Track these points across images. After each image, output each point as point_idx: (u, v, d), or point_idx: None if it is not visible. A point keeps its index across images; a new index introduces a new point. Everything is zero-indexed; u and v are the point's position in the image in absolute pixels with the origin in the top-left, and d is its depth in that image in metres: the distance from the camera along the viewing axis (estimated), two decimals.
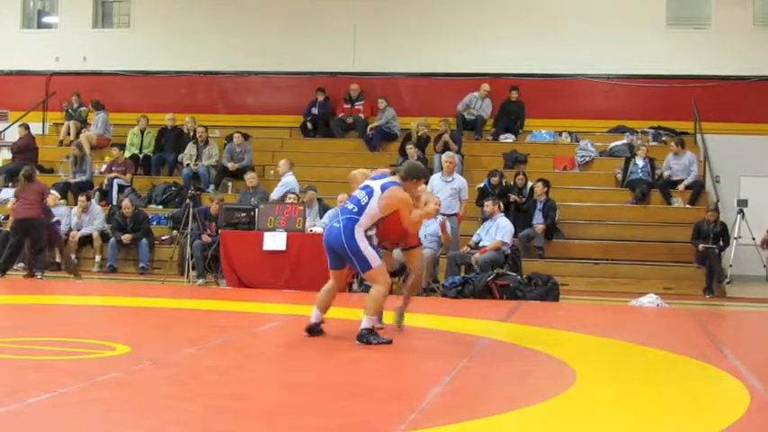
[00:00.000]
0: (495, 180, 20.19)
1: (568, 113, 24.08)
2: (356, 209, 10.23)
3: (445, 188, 18.09)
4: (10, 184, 22.16)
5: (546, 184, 19.94)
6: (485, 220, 18.04)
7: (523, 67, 24.04)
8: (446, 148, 21.40)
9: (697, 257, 19.14)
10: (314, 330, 10.59)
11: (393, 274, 17.18)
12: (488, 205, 17.78)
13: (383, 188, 10.27)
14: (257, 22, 25.36)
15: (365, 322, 10.26)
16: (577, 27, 23.95)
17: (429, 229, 16.88)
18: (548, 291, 16.24)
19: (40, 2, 28.15)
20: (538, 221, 19.64)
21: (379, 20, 24.84)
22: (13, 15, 27.00)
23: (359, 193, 10.36)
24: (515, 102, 23.68)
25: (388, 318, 11.46)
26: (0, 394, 7.33)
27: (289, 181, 19.46)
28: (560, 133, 23.80)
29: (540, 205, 19.76)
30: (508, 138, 23.50)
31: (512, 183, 20.44)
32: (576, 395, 7.93)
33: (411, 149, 21.39)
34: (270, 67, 25.40)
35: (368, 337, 10.20)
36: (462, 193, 18.28)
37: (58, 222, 19.23)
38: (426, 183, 11.25)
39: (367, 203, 10.21)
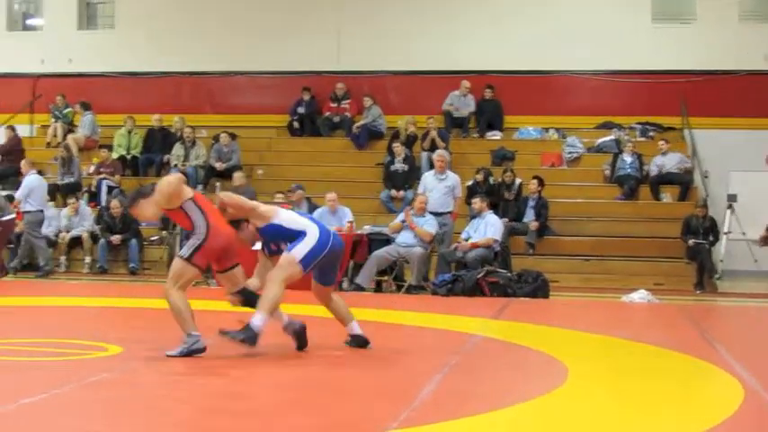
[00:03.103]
0: (479, 177, 20.14)
1: (555, 110, 24.07)
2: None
3: (438, 186, 18.16)
4: (0, 187, 22.11)
5: (541, 182, 19.89)
6: (473, 217, 18.02)
7: (508, 64, 24.03)
8: (433, 145, 21.42)
9: (687, 253, 19.15)
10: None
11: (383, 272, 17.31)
12: (476, 202, 17.77)
13: None
14: (242, 21, 25.32)
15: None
16: (563, 24, 23.93)
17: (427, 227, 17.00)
18: (538, 287, 16.22)
19: (25, 4, 28.10)
20: (529, 219, 19.62)
21: (363, 19, 24.82)
22: None
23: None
24: (490, 100, 23.67)
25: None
26: None
27: (30, 180, 19.26)
28: (547, 130, 23.80)
29: (532, 202, 19.74)
30: (495, 135, 23.50)
31: (500, 180, 20.40)
32: (569, 392, 7.93)
33: (398, 147, 21.40)
34: (255, 66, 25.37)
35: None
36: (456, 190, 18.35)
37: None
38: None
39: None
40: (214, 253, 9.28)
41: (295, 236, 9.29)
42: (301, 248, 9.23)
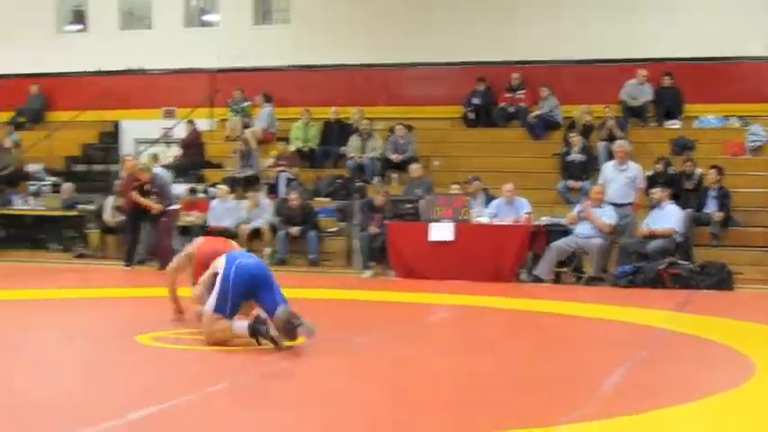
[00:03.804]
0: (659, 167, 19.80)
1: (736, 97, 23.43)
2: None
3: (619, 177, 17.84)
4: (181, 179, 22.61)
5: (719, 171, 19.44)
6: (652, 208, 17.72)
7: (687, 51, 23.51)
8: (610, 135, 21.12)
9: None
10: None
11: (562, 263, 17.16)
12: (656, 193, 17.47)
13: None
14: (416, 12, 25.34)
15: None
16: (743, 8, 23.31)
17: (606, 218, 16.81)
18: (722, 279, 15.85)
19: (202, 0, 28.68)
20: (711, 209, 19.19)
21: (538, 7, 24.59)
22: (176, 15, 27.54)
23: None
24: (669, 88, 23.17)
25: None
26: (179, 384, 7.55)
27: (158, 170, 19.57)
28: (728, 118, 23.23)
29: (713, 193, 19.29)
30: (674, 124, 23.05)
31: (680, 170, 19.99)
32: (757, 387, 7.75)
33: (574, 138, 21.16)
34: (430, 57, 25.35)
35: None
36: (637, 180, 18.00)
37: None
38: None
39: None
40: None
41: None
42: (210, 300, 9.17)
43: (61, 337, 10.04)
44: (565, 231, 17.05)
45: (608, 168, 18.25)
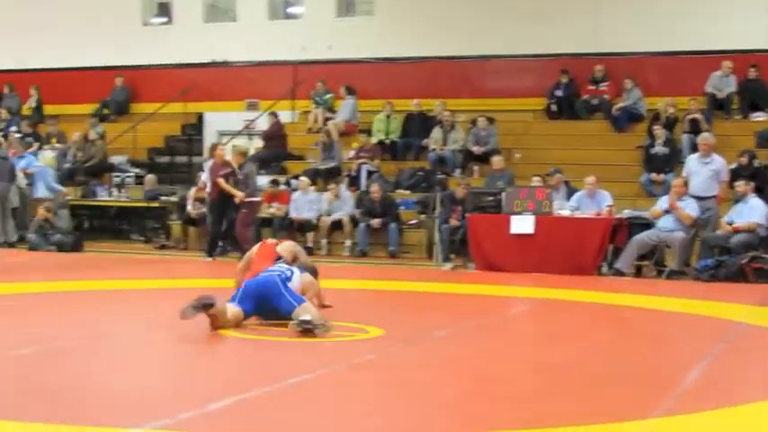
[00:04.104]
0: (743, 160, 19.55)
1: None
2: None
3: (703, 170, 17.65)
4: (264, 171, 22.71)
5: None
6: (737, 201, 17.51)
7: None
8: (695, 127, 20.90)
9: None
10: None
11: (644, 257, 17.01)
12: (740, 186, 17.25)
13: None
14: (499, 5, 25.27)
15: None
16: None
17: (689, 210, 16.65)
18: None
19: None
20: None
21: None
22: (260, 7, 27.68)
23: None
24: (755, 80, 22.85)
25: None
26: (262, 375, 7.60)
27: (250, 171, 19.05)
28: None
29: None
30: (759, 116, 22.75)
31: (765, 163, 19.71)
32: None
33: (658, 130, 20.96)
34: (513, 50, 25.25)
35: None
36: (721, 174, 17.81)
37: None
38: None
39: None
40: None
41: None
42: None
43: (143, 327, 10.14)
44: (647, 224, 16.91)
45: (692, 161, 18.08)
